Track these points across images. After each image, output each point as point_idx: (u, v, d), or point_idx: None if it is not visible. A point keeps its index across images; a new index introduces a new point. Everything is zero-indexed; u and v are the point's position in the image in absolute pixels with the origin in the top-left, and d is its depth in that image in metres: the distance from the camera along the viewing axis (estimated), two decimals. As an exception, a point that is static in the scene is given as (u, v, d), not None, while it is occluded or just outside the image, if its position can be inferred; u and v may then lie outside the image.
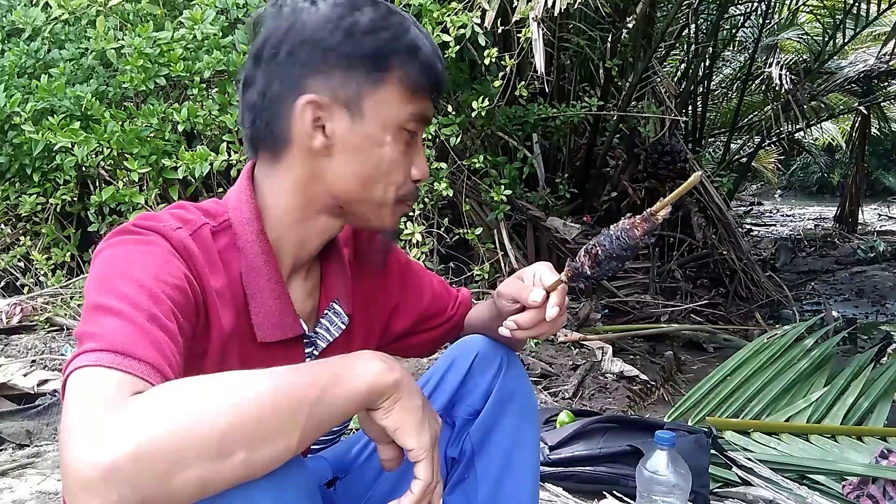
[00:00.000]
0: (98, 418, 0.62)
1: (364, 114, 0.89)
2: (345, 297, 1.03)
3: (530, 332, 1.00)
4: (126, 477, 0.59)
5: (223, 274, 0.88)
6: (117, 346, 0.70)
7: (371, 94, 0.88)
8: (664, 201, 0.92)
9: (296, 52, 0.87)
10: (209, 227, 0.89)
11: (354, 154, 0.90)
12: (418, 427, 0.80)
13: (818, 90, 8.12)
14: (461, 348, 1.13)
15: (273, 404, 0.67)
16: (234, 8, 3.31)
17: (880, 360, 2.82)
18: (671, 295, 4.67)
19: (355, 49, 0.87)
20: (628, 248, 0.94)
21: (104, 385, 0.66)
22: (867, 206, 12.01)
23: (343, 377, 0.74)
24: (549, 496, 1.80)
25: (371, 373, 0.76)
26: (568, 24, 4.66)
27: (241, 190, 0.93)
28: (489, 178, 3.82)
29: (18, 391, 2.39)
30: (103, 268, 0.79)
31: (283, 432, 0.68)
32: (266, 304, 0.91)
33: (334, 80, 0.87)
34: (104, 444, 0.60)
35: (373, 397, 0.77)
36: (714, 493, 1.87)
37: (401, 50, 0.89)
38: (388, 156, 0.91)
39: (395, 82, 0.89)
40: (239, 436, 0.65)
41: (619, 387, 2.99)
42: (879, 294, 6.22)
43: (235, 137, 3.20)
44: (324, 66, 0.87)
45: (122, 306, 0.74)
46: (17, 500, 1.79)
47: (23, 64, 3.40)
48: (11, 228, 3.52)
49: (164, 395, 0.65)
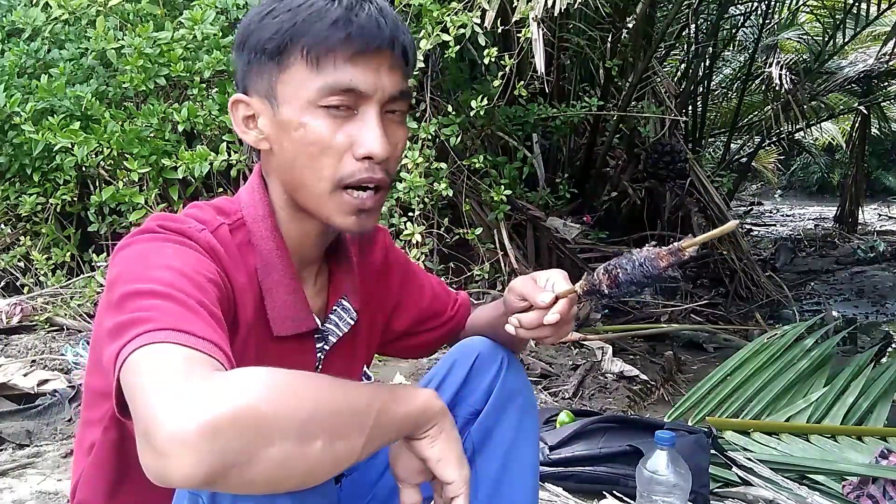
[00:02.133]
0: (186, 385, 0.61)
1: (278, 101, 0.87)
2: (353, 293, 1.04)
3: (532, 333, 1.01)
4: (221, 438, 0.58)
5: (244, 270, 0.89)
6: (178, 324, 0.68)
7: (281, 79, 0.87)
8: (694, 240, 0.91)
9: (236, 54, 0.92)
10: (226, 226, 0.90)
11: (281, 143, 0.89)
12: (460, 460, 0.81)
13: (818, 90, 8.11)
14: (462, 349, 1.13)
15: (348, 403, 0.69)
16: (234, 8, 3.31)
17: (880, 360, 2.82)
18: (671, 295, 4.67)
19: (261, 36, 0.87)
20: (650, 277, 0.94)
21: (177, 359, 0.65)
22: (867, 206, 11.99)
23: (400, 395, 0.77)
24: (549, 496, 1.80)
25: (423, 397, 0.80)
26: (568, 24, 4.66)
27: (254, 188, 0.94)
28: (489, 178, 3.82)
29: (18, 391, 2.39)
30: (133, 263, 0.78)
31: (355, 431, 0.69)
32: (281, 299, 0.92)
33: (254, 74, 0.89)
34: (202, 404, 0.59)
35: (424, 420, 0.79)
36: (714, 493, 1.87)
37: (300, 22, 0.84)
38: (307, 138, 0.86)
39: (299, 59, 0.85)
40: (320, 423, 0.65)
41: (619, 387, 2.98)
42: (879, 294, 6.22)
43: (235, 137, 3.20)
44: (248, 63, 0.89)
45: (169, 291, 0.72)
46: (17, 500, 1.79)
47: (23, 64, 3.40)
48: (11, 228, 3.52)
49: (247, 373, 0.64)
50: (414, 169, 3.21)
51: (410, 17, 3.23)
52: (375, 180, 0.88)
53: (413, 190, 3.21)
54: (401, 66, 0.90)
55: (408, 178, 3.19)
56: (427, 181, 3.32)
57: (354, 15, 0.84)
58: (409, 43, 0.91)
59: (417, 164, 3.23)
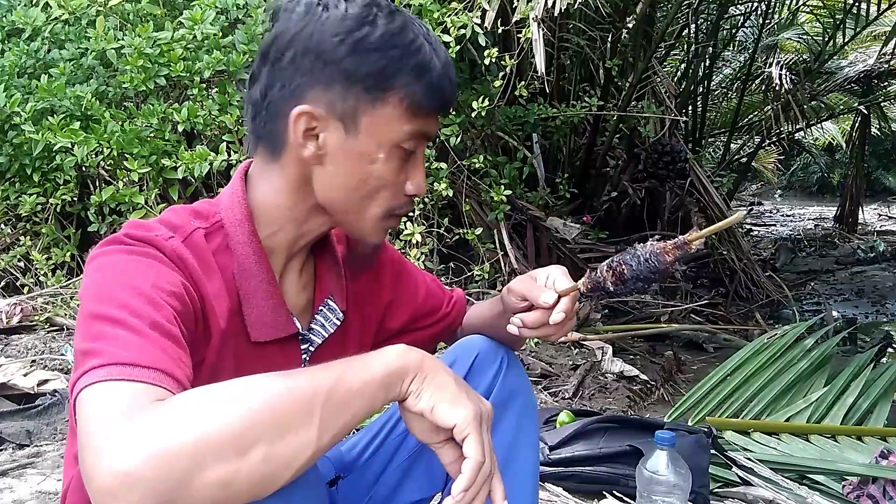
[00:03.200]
0: (114, 428, 0.63)
1: (359, 129, 0.88)
2: (339, 292, 1.03)
3: (535, 333, 1.00)
4: (145, 481, 0.60)
5: (218, 276, 0.88)
6: (123, 358, 0.70)
7: (369, 112, 0.87)
8: (701, 233, 0.90)
9: (298, 59, 0.87)
10: (201, 230, 0.89)
11: (344, 167, 0.90)
12: (454, 400, 0.77)
13: (818, 90, 8.12)
14: (461, 348, 1.12)
15: (286, 396, 0.67)
16: (234, 8, 3.31)
17: (880, 360, 2.82)
18: (671, 295, 4.67)
19: (358, 65, 0.86)
20: (657, 273, 0.92)
21: (117, 397, 0.67)
22: (867, 206, 12.00)
23: (359, 364, 0.74)
24: (549, 496, 1.80)
25: (388, 356, 0.76)
26: (568, 24, 4.66)
27: (234, 191, 0.93)
28: (489, 178, 3.82)
29: (18, 391, 2.39)
30: (98, 277, 0.80)
31: (300, 423, 0.67)
32: (259, 305, 0.91)
33: (333, 92, 0.87)
34: (121, 452, 0.61)
35: (393, 379, 0.75)
36: (714, 493, 1.87)
37: (406, 70, 0.87)
38: (377, 173, 0.90)
39: (396, 102, 0.87)
40: (254, 430, 0.64)
41: (619, 387, 2.99)
42: (879, 294, 6.22)
43: (235, 137, 3.20)
44: (324, 77, 0.86)
45: (122, 315, 0.74)
46: (17, 500, 1.79)
47: (23, 64, 3.40)
48: (11, 228, 3.51)
49: (178, 401, 0.66)
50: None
51: (410, 17, 3.23)
52: (410, 210, 1.01)
53: (413, 190, 3.21)
54: None
55: (408, 178, 3.19)
56: (427, 181, 3.31)
57: (448, 80, 0.90)
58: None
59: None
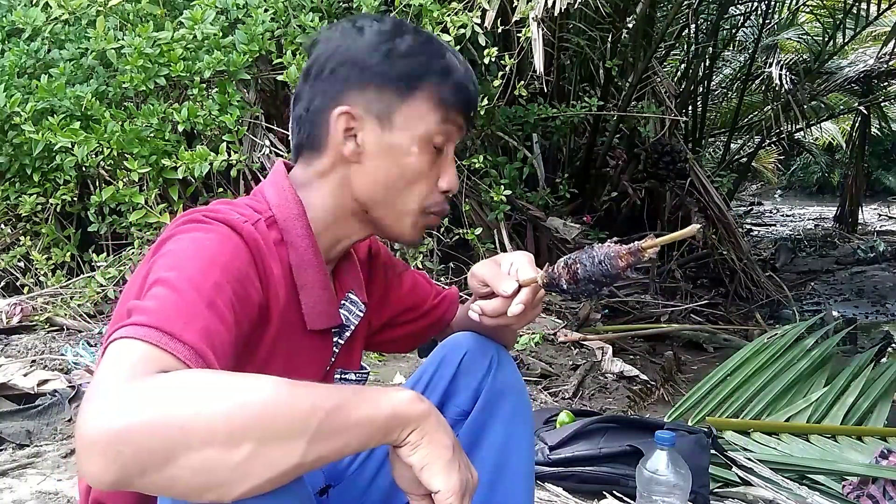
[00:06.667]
0: (120, 386, 0.64)
1: (394, 125, 0.95)
2: (358, 286, 1.06)
3: (495, 321, 1.00)
4: (132, 444, 0.60)
5: (279, 264, 0.91)
6: (166, 324, 0.71)
7: (402, 109, 0.95)
8: (656, 241, 0.89)
9: (337, 70, 0.95)
10: (263, 221, 0.93)
11: (382, 161, 0.96)
12: (447, 466, 0.74)
13: (818, 90, 8.12)
14: (449, 346, 1.12)
15: (288, 402, 0.66)
16: (234, 8, 3.31)
17: (880, 360, 2.82)
18: (671, 295, 4.68)
19: (390, 69, 0.94)
20: (608, 277, 0.90)
21: (138, 358, 0.68)
22: (867, 206, 12.01)
23: (367, 397, 0.72)
24: (549, 496, 1.80)
25: (398, 399, 0.73)
26: (568, 24, 4.67)
27: (285, 188, 0.97)
28: (489, 178, 3.82)
29: (18, 391, 2.39)
30: (173, 247, 0.82)
31: (294, 433, 0.66)
32: (316, 295, 0.95)
33: (368, 94, 0.94)
34: (119, 410, 0.61)
35: (394, 424, 0.72)
36: (714, 493, 1.87)
37: (433, 71, 0.95)
38: (413, 165, 0.96)
39: (426, 98, 0.95)
40: (248, 425, 0.64)
41: (619, 387, 2.99)
42: (879, 294, 6.23)
43: (235, 137, 3.20)
44: (360, 81, 0.94)
45: (185, 287, 0.76)
46: (17, 500, 1.79)
47: (23, 64, 3.40)
48: (11, 228, 3.51)
49: (186, 376, 0.66)
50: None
51: (411, 17, 3.23)
52: (447, 210, 1.02)
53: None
54: None
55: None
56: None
57: (472, 83, 0.99)
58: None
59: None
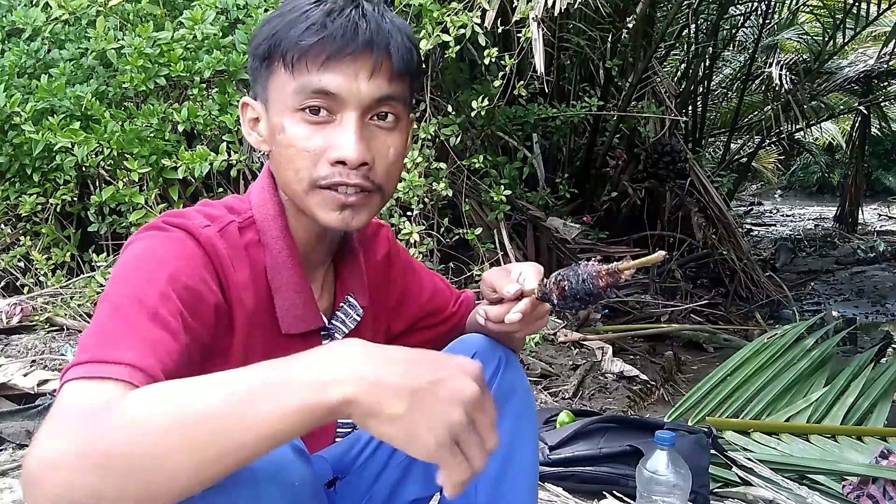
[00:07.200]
0: (59, 426, 0.63)
1: (270, 105, 0.92)
2: (360, 290, 1.05)
3: (499, 327, 1.00)
4: (58, 479, 0.59)
5: (248, 268, 0.90)
6: (101, 352, 0.70)
7: (268, 86, 0.91)
8: (630, 264, 0.89)
9: (249, 60, 0.95)
10: (235, 224, 0.92)
11: (274, 145, 0.93)
12: (407, 437, 0.62)
13: (818, 90, 8.11)
14: (459, 347, 1.11)
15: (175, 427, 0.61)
16: (234, 8, 3.31)
17: (880, 360, 2.82)
18: (671, 295, 4.67)
19: (256, 48, 0.91)
20: (591, 295, 0.90)
21: (76, 397, 0.67)
22: (867, 206, 11.99)
23: (277, 385, 0.62)
24: (549, 496, 1.80)
25: (308, 378, 0.62)
26: (568, 24, 4.66)
27: (264, 187, 0.96)
28: (489, 178, 3.81)
29: (18, 391, 2.39)
30: (124, 258, 0.83)
31: (179, 463, 0.61)
32: (290, 298, 0.94)
33: (254, 78, 0.94)
34: (54, 445, 0.61)
35: (313, 417, 0.61)
36: (714, 493, 1.87)
37: (282, 28, 0.88)
38: (286, 140, 0.89)
39: (280, 64, 0.88)
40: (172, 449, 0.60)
41: (619, 387, 2.99)
42: (879, 294, 6.22)
43: (235, 137, 3.20)
44: (252, 68, 0.94)
45: (126, 302, 0.76)
46: (17, 500, 1.79)
47: (23, 64, 3.40)
48: (11, 228, 3.51)
49: (125, 404, 0.63)
50: (413, 169, 3.21)
51: (410, 17, 3.23)
52: (351, 185, 0.88)
53: (412, 189, 3.21)
54: (387, 71, 0.88)
55: (407, 178, 3.19)
56: (427, 181, 3.32)
57: (331, 20, 0.86)
58: (401, 45, 0.89)
59: (417, 163, 3.23)
